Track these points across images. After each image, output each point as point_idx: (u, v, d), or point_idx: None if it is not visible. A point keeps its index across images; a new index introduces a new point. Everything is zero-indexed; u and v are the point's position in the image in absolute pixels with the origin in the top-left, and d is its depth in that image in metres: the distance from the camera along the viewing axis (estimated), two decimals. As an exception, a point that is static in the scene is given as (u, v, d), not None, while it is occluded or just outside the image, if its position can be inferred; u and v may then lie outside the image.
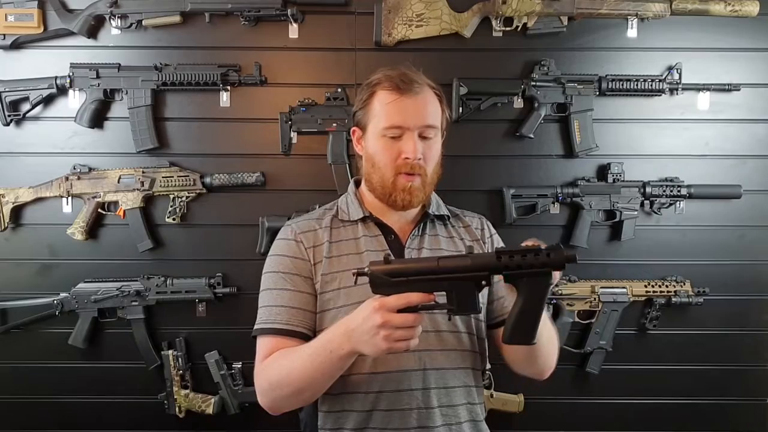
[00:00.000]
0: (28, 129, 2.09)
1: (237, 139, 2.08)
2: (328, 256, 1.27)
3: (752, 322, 2.14)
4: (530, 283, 1.02)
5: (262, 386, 1.20)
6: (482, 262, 1.02)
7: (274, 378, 1.17)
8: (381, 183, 1.27)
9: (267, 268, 1.29)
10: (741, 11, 2.02)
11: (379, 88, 1.27)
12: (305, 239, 1.29)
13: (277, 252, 1.30)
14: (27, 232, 2.10)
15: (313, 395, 1.19)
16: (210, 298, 2.05)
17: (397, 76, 1.26)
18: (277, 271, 1.27)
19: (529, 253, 1.00)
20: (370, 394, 1.21)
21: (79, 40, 2.04)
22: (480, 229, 1.39)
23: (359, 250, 1.28)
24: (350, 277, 1.14)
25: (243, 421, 2.10)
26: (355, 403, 1.22)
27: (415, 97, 1.25)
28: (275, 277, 1.27)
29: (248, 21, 2.03)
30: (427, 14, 2.03)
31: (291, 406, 1.21)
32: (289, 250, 1.29)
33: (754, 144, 2.12)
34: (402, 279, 1.02)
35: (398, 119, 1.24)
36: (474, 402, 1.27)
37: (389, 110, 1.25)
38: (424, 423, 1.21)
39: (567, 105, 2.05)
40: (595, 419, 2.15)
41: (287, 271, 1.26)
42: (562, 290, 2.07)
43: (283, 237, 1.32)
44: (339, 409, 1.23)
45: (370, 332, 1.02)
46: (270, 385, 1.18)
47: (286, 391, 1.16)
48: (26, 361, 2.11)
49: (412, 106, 1.25)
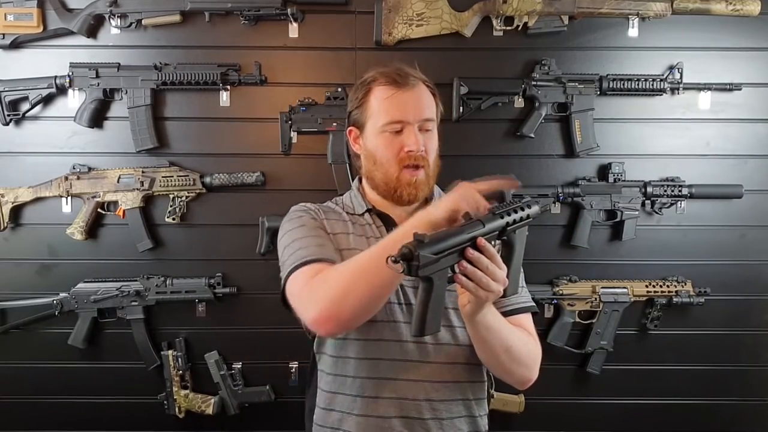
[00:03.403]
0: (27, 129, 2.08)
1: (237, 139, 2.08)
2: (334, 233, 1.26)
3: (753, 323, 2.14)
4: (519, 235, 1.09)
5: (325, 291, 1.06)
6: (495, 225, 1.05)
7: (336, 278, 1.07)
8: (385, 179, 1.26)
9: (287, 228, 1.24)
10: (742, 11, 2.01)
11: (375, 85, 1.27)
12: (317, 211, 1.29)
13: (295, 217, 1.26)
14: (26, 232, 2.09)
15: (375, 300, 1.08)
16: (210, 298, 2.05)
17: (392, 71, 1.25)
18: (303, 226, 1.22)
19: (520, 207, 1.07)
20: (357, 379, 1.20)
21: (79, 39, 2.04)
22: None
23: (366, 234, 1.28)
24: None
25: (243, 421, 2.09)
26: (344, 387, 1.22)
27: (412, 90, 1.24)
28: (302, 230, 1.21)
29: (248, 20, 2.02)
30: (428, 13, 2.02)
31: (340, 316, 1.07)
32: (308, 215, 1.27)
33: (755, 144, 2.12)
34: (443, 255, 0.99)
35: (398, 114, 1.24)
36: (470, 398, 1.26)
37: (388, 105, 1.24)
38: (410, 413, 1.20)
39: (568, 104, 2.05)
40: (596, 419, 2.14)
41: (313, 227, 1.23)
42: (563, 290, 2.07)
43: (297, 210, 1.29)
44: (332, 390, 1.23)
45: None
46: (331, 288, 1.06)
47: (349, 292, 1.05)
48: (26, 361, 2.10)
49: (411, 99, 1.24)
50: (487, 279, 1.01)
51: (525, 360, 1.21)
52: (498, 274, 1.03)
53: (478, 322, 1.11)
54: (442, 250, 0.97)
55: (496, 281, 1.02)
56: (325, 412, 1.25)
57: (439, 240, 0.98)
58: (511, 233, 1.07)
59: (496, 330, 1.14)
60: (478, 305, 1.07)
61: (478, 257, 1.01)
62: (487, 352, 1.18)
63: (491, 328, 1.14)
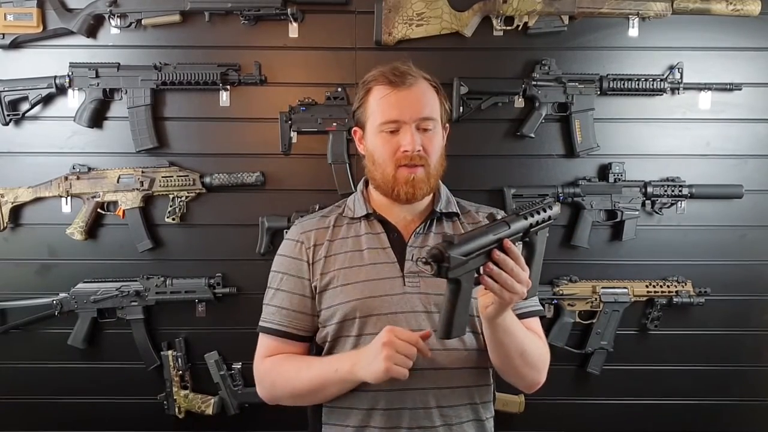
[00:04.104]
0: (27, 129, 2.08)
1: (237, 139, 2.08)
2: (326, 255, 1.28)
3: (753, 323, 2.14)
4: (540, 236, 1.10)
5: (263, 384, 1.29)
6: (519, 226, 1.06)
7: (278, 380, 1.26)
8: (383, 178, 1.27)
9: (273, 266, 1.35)
10: (742, 10, 2.01)
11: (374, 85, 1.27)
12: (306, 239, 1.31)
13: (281, 252, 1.35)
14: (26, 232, 2.09)
15: (311, 402, 1.27)
16: (210, 298, 2.05)
17: (389, 71, 1.26)
18: (278, 271, 1.33)
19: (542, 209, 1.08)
20: (370, 392, 1.20)
21: (79, 39, 2.04)
22: None
23: (360, 248, 1.28)
24: (347, 275, 1.20)
25: (243, 421, 2.09)
26: (356, 401, 1.22)
27: (408, 89, 1.24)
28: (277, 277, 1.32)
29: (248, 20, 2.02)
30: (428, 13, 2.02)
31: (289, 404, 1.29)
32: (290, 250, 1.32)
33: (755, 144, 2.11)
34: (471, 256, 1.00)
35: (393, 113, 1.24)
36: (477, 402, 1.26)
37: (383, 105, 1.24)
38: (422, 423, 1.20)
39: (568, 104, 2.05)
40: (596, 419, 2.14)
41: (285, 272, 1.31)
42: (563, 290, 2.06)
43: (288, 237, 1.36)
44: (342, 405, 1.23)
45: (374, 352, 1.08)
46: (272, 385, 1.28)
47: (287, 393, 1.26)
48: (26, 361, 2.10)
49: (406, 98, 1.24)
50: (512, 281, 1.02)
51: (537, 364, 1.22)
52: (522, 276, 1.04)
53: (498, 324, 1.12)
54: (471, 251, 0.98)
55: (520, 283, 1.03)
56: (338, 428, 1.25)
57: (467, 241, 0.99)
58: (534, 234, 1.08)
59: (514, 333, 1.15)
60: (501, 307, 1.08)
61: (504, 259, 1.02)
62: (502, 356, 1.19)
63: (510, 330, 1.14)
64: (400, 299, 1.23)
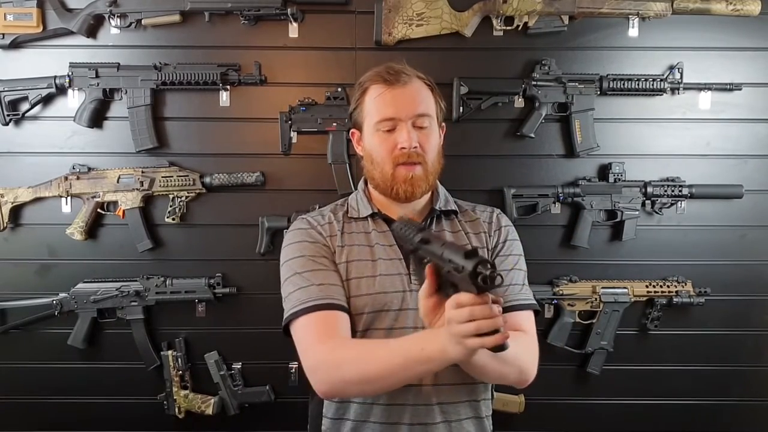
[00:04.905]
0: (27, 129, 2.08)
1: (237, 139, 2.08)
2: (341, 245, 1.27)
3: (753, 323, 2.14)
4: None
5: (325, 366, 1.13)
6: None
7: (347, 360, 1.12)
8: (382, 178, 1.27)
9: (288, 256, 1.26)
10: (742, 10, 2.01)
11: (369, 84, 1.28)
12: (322, 230, 1.30)
13: (296, 240, 1.28)
14: (26, 232, 2.09)
15: (380, 389, 1.14)
16: (209, 298, 2.05)
17: (383, 70, 1.27)
18: (302, 255, 1.24)
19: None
20: None
21: (79, 39, 2.04)
22: (488, 222, 1.36)
23: (370, 243, 1.28)
24: (359, 267, 1.20)
25: (243, 421, 2.09)
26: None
27: (403, 87, 1.25)
28: (301, 261, 1.23)
29: (248, 20, 2.02)
30: (428, 13, 2.02)
31: (352, 392, 1.17)
32: (309, 236, 1.28)
33: (755, 144, 2.11)
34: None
35: (389, 111, 1.24)
36: (476, 399, 1.27)
37: (379, 103, 1.25)
38: (422, 419, 1.20)
39: (568, 104, 2.05)
40: (596, 419, 2.14)
41: (313, 254, 1.24)
42: (563, 290, 2.06)
43: (299, 227, 1.31)
44: (343, 399, 1.23)
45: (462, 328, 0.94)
46: (337, 367, 1.12)
47: (355, 376, 1.11)
48: (26, 361, 2.10)
49: (401, 96, 1.25)
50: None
51: (513, 361, 1.16)
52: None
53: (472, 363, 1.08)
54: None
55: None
56: (338, 422, 1.25)
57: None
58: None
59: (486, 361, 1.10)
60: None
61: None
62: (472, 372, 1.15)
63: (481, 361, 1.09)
64: (407, 296, 1.23)
